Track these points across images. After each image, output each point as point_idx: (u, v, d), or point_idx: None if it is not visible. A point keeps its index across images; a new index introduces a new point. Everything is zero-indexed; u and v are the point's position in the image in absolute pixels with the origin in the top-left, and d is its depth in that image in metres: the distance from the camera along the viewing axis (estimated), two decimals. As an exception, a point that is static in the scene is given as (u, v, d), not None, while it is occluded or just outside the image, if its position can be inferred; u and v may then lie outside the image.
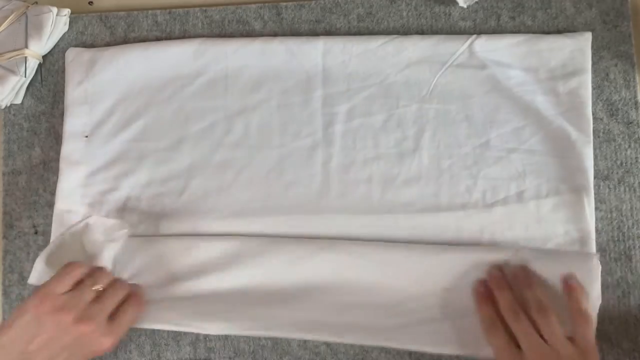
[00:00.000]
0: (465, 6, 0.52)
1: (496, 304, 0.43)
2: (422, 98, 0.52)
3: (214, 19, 0.56)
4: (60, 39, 0.58)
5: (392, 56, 0.52)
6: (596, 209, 0.48)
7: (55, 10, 0.56)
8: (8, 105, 0.57)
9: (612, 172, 0.49)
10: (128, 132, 0.55)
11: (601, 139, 0.50)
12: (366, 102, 0.53)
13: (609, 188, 0.49)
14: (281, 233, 0.51)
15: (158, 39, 0.57)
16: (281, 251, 0.49)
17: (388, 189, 0.51)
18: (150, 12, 0.57)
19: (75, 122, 0.55)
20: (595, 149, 0.49)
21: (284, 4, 0.56)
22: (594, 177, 0.48)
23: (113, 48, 0.56)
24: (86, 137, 0.55)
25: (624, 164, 0.49)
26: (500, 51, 0.51)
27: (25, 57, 0.55)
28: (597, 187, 0.49)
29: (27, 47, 0.55)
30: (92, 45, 0.58)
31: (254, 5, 0.56)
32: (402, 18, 0.54)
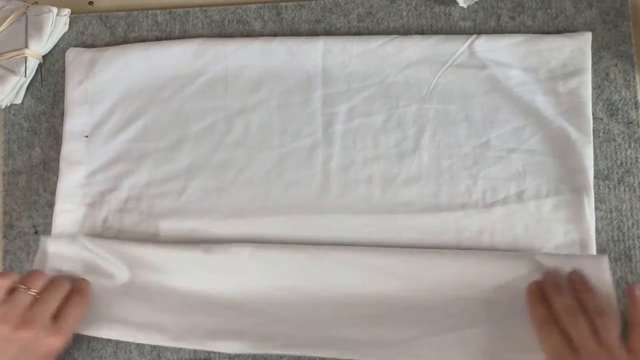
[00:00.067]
0: (465, 6, 0.52)
1: (549, 305, 0.43)
2: (422, 98, 0.52)
3: (214, 19, 0.56)
4: (60, 39, 0.58)
5: (392, 56, 0.52)
6: (596, 209, 0.48)
7: (55, 10, 0.56)
8: (8, 105, 0.57)
9: (612, 172, 0.49)
10: (128, 132, 0.55)
11: (601, 139, 0.50)
12: (366, 102, 0.53)
13: (609, 188, 0.49)
14: (281, 233, 0.51)
15: (158, 39, 0.57)
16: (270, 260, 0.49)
17: (388, 189, 0.51)
18: (150, 12, 0.57)
19: (75, 122, 0.55)
20: (595, 149, 0.49)
21: (284, 4, 0.56)
22: (594, 177, 0.48)
23: (113, 48, 0.56)
24: (86, 137, 0.55)
25: (624, 164, 0.49)
26: (500, 51, 0.51)
27: (26, 57, 0.55)
28: (597, 187, 0.49)
29: (27, 47, 0.55)
30: (92, 45, 0.58)
31: (254, 5, 0.56)
32: (402, 18, 0.54)
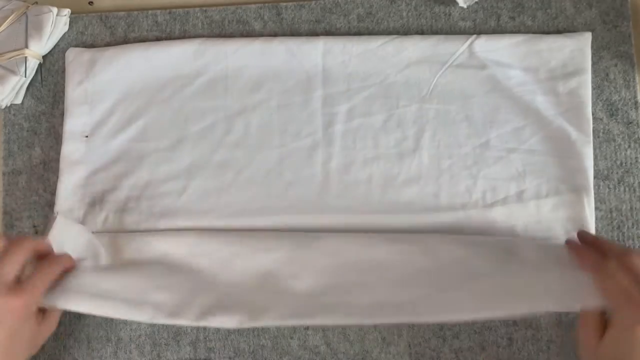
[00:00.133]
0: (465, 6, 0.52)
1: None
2: (422, 98, 0.52)
3: (214, 19, 0.56)
4: (60, 39, 0.58)
5: (392, 56, 0.52)
6: (596, 209, 0.48)
7: (55, 10, 0.56)
8: (8, 105, 0.57)
9: (612, 172, 0.49)
10: (128, 132, 0.55)
11: (601, 139, 0.50)
12: (366, 102, 0.53)
13: (609, 188, 0.49)
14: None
15: (158, 39, 0.57)
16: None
17: (388, 189, 0.51)
18: (150, 12, 0.57)
19: (75, 122, 0.55)
20: (595, 149, 0.49)
21: (284, 4, 0.56)
22: (594, 177, 0.49)
23: (113, 48, 0.56)
24: (86, 137, 0.55)
25: (624, 164, 0.49)
26: (500, 51, 0.51)
27: (26, 57, 0.55)
28: (597, 187, 0.49)
29: (27, 47, 0.55)
30: (92, 45, 0.58)
31: (254, 5, 0.56)
32: (402, 18, 0.54)
